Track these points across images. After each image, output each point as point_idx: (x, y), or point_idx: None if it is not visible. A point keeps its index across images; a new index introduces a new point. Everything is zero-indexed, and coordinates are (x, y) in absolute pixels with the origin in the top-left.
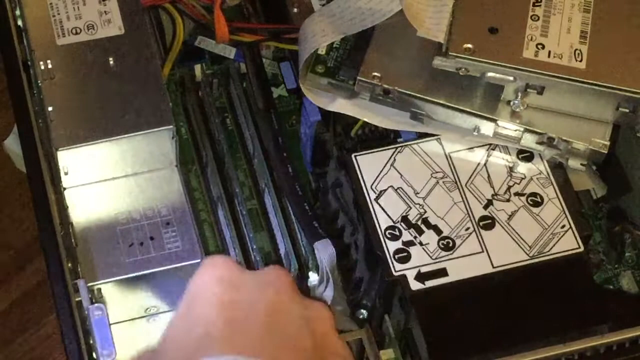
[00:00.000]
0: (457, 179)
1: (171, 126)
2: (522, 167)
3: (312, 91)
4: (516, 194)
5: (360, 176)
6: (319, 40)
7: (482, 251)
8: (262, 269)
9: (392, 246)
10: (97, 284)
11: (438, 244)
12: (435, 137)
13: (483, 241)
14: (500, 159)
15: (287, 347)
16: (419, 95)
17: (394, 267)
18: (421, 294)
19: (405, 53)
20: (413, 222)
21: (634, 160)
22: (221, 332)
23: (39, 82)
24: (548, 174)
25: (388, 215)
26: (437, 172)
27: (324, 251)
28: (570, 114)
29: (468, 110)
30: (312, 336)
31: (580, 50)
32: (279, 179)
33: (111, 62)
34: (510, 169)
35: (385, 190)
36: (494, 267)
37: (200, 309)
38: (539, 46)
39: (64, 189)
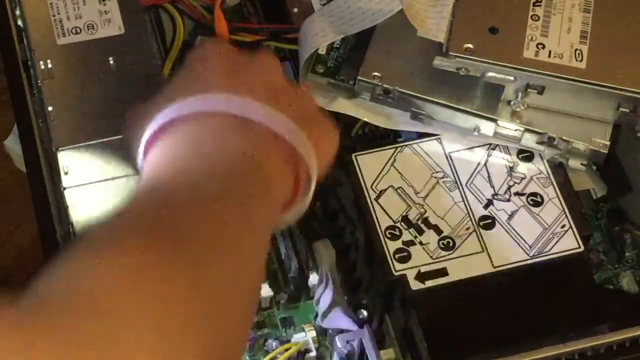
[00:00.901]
0: (457, 179)
1: None
2: (522, 167)
3: (312, 91)
4: (516, 193)
5: (360, 176)
6: (319, 40)
7: (483, 251)
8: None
9: (392, 246)
10: None
11: (438, 243)
12: (436, 137)
13: (483, 241)
14: (500, 159)
15: (283, 102)
16: (419, 95)
17: (394, 266)
18: (421, 294)
19: (406, 53)
20: (413, 221)
21: (634, 160)
22: (223, 80)
23: (39, 81)
24: (548, 173)
25: (388, 215)
26: (437, 172)
27: (323, 251)
28: (571, 113)
29: (468, 110)
30: (301, 106)
31: (580, 50)
32: None
33: (111, 62)
34: (511, 169)
35: (385, 189)
36: (494, 267)
37: (201, 63)
38: (540, 46)
39: (64, 188)
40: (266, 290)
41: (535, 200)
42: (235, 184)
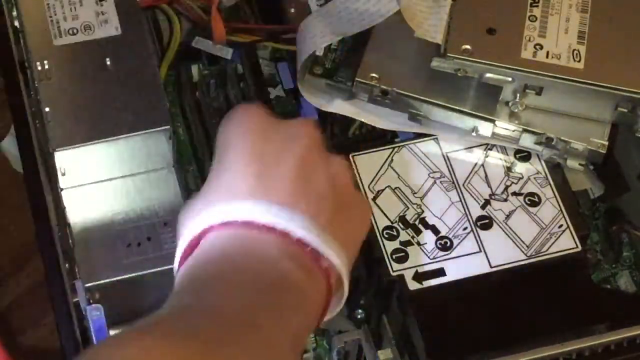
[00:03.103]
0: (454, 179)
1: (168, 127)
2: (520, 167)
3: (310, 92)
4: (514, 193)
5: (357, 176)
6: (317, 42)
7: (480, 251)
8: (294, 120)
9: (389, 246)
10: (94, 285)
11: (436, 243)
12: (433, 137)
13: (481, 241)
14: (497, 159)
15: (312, 199)
16: (417, 96)
17: (391, 267)
18: (419, 294)
19: (403, 54)
20: (411, 222)
21: (632, 160)
22: (249, 183)
23: (35, 83)
24: (546, 174)
25: (385, 215)
26: (434, 172)
27: None
28: (569, 114)
29: (466, 111)
30: (333, 190)
31: (578, 51)
32: None
33: (108, 63)
34: (508, 169)
35: (382, 190)
36: (491, 267)
37: (230, 160)
38: (537, 47)
39: (61, 189)
40: None
41: (533, 200)
42: (269, 299)
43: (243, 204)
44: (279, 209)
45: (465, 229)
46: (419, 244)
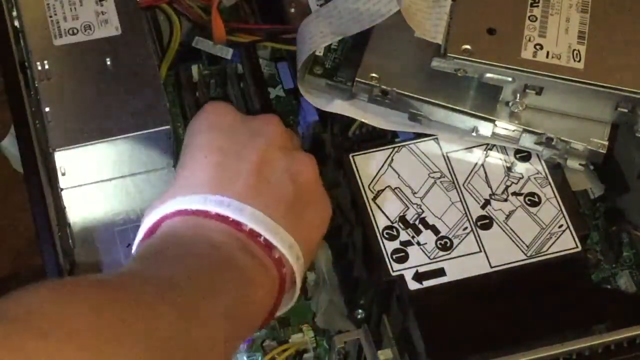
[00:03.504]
0: (454, 179)
1: (168, 126)
2: (520, 167)
3: (310, 92)
4: (514, 193)
5: (357, 176)
6: (317, 42)
7: (480, 251)
8: (258, 117)
9: (389, 246)
10: None
11: (436, 243)
12: (433, 137)
13: (481, 241)
14: (497, 159)
15: (268, 194)
16: (417, 96)
17: (391, 267)
18: (419, 294)
19: (404, 54)
20: (411, 222)
21: (632, 160)
22: (207, 174)
23: (36, 83)
24: (546, 174)
25: (386, 215)
26: (434, 172)
27: (320, 251)
28: (569, 114)
29: (466, 111)
30: (294, 186)
31: (578, 51)
32: None
33: (108, 63)
34: (508, 169)
35: (382, 190)
36: (491, 267)
37: (193, 154)
38: (537, 47)
39: (61, 189)
40: None
41: (533, 200)
42: (204, 271)
43: (197, 196)
44: (231, 201)
45: (465, 229)
46: (419, 244)
